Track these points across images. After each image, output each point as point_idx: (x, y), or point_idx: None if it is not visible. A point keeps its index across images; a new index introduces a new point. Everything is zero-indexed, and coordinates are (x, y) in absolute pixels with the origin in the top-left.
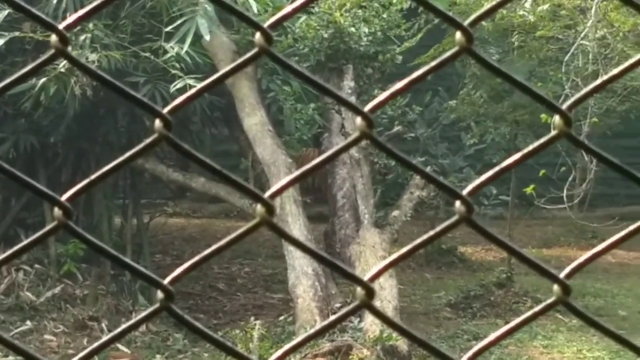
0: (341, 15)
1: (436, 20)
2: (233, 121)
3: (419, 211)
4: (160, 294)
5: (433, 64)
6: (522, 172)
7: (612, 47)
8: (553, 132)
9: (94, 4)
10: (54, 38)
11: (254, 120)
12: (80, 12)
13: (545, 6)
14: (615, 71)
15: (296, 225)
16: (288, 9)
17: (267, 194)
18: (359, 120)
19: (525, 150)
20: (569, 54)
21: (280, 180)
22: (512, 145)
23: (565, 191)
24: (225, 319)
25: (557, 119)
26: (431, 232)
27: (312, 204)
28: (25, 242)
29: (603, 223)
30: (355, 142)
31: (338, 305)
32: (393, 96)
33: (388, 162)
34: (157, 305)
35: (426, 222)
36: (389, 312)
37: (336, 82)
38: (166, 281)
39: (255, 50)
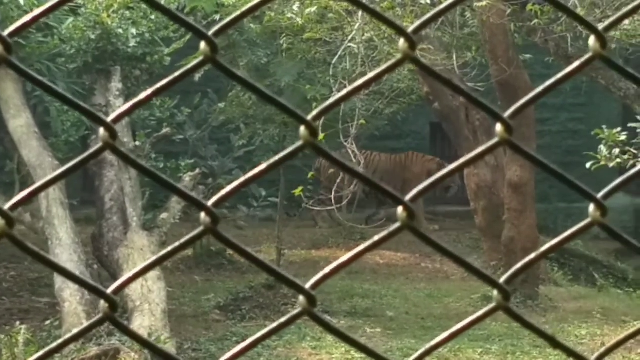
0: (108, 16)
1: (204, 22)
2: None
3: (187, 213)
4: None
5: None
6: (291, 174)
7: (379, 50)
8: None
9: None
10: None
11: (20, 122)
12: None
13: (313, 9)
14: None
15: (63, 228)
16: (27, 17)
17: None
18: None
19: (275, 159)
20: (336, 56)
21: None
22: (280, 147)
23: (333, 193)
24: None
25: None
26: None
27: (79, 207)
28: None
29: (370, 225)
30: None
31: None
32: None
33: (156, 165)
34: None
35: (195, 224)
36: (158, 315)
37: (104, 84)
38: None
39: None
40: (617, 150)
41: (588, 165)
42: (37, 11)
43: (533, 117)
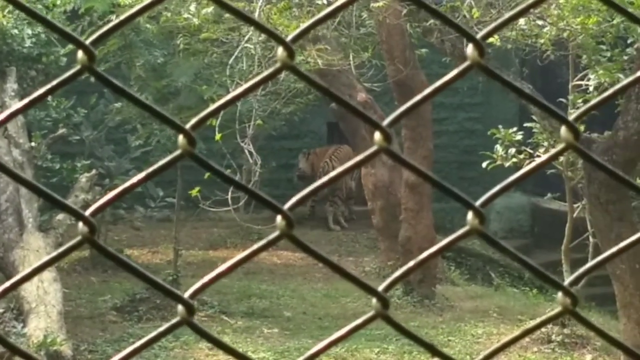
0: (4, 16)
1: (100, 22)
2: None
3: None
4: None
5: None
6: (187, 174)
7: (275, 50)
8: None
9: None
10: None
11: None
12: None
13: (210, 9)
14: None
15: None
16: None
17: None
18: None
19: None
20: (233, 57)
21: None
22: (176, 147)
23: (230, 193)
24: None
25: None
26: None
27: None
28: None
29: (268, 224)
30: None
31: (1, 310)
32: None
33: (52, 166)
34: None
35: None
36: (54, 316)
37: None
38: None
39: None
40: (513, 150)
41: (484, 164)
42: None
43: (430, 117)
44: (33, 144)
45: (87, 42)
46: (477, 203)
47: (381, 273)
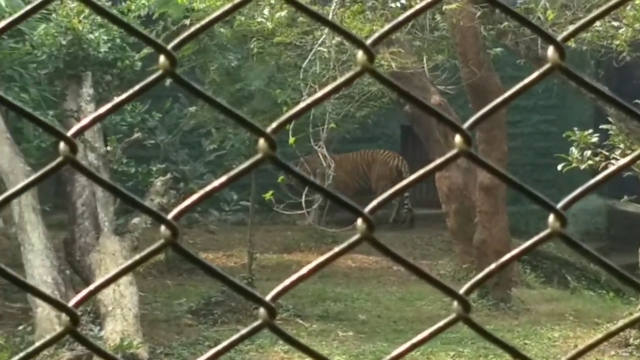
0: (79, 22)
1: (174, 27)
2: None
3: None
4: None
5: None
6: (261, 178)
7: (349, 53)
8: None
9: None
10: None
11: None
12: None
13: (284, 13)
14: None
15: (35, 233)
16: None
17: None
18: None
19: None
20: (307, 60)
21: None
22: (252, 151)
23: (304, 197)
24: None
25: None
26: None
27: (51, 212)
28: None
29: (342, 228)
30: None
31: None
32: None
33: (127, 170)
34: None
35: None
36: (130, 319)
37: (75, 89)
38: None
39: None
40: (588, 152)
41: (560, 167)
42: (4, 22)
43: (504, 120)
44: (109, 148)
45: (169, 46)
46: (559, 205)
47: (456, 276)
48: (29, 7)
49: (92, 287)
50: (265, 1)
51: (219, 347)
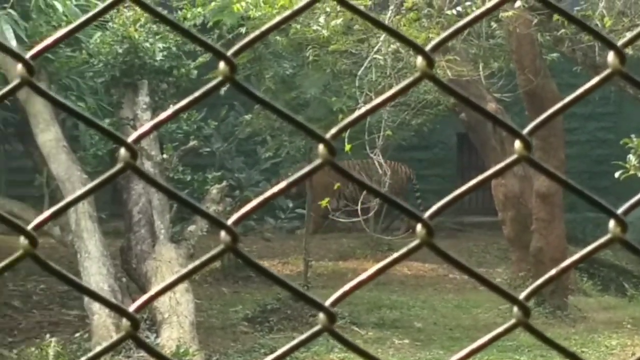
0: (135, 30)
1: (229, 36)
2: (27, 137)
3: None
4: None
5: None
6: (317, 185)
7: (405, 61)
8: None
9: None
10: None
11: (49, 136)
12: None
13: (339, 20)
14: None
15: (92, 241)
16: (50, 39)
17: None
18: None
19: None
20: (362, 68)
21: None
22: (307, 159)
23: (359, 204)
24: (20, 337)
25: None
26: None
27: (108, 220)
28: None
29: (398, 235)
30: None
31: None
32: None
33: (183, 178)
34: None
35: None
36: (186, 327)
37: (131, 98)
38: None
39: None
40: None
41: (617, 174)
42: (61, 31)
43: (561, 127)
44: (165, 156)
45: (229, 53)
46: (619, 211)
47: (512, 284)
48: (86, 16)
49: (152, 292)
50: (321, 9)
51: (279, 352)
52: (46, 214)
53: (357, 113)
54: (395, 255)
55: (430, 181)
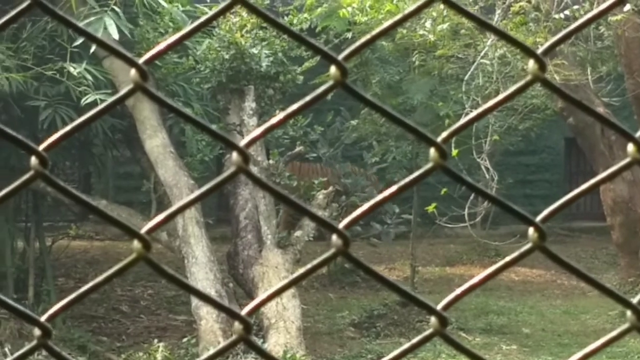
0: (242, 36)
1: (336, 40)
2: (135, 143)
3: (321, 231)
4: (37, 331)
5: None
6: (424, 190)
7: (512, 66)
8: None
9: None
10: None
11: (156, 142)
12: None
13: (445, 25)
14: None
15: (199, 246)
16: (162, 45)
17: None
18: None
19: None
20: (469, 73)
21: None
22: (413, 164)
23: (466, 209)
24: (128, 342)
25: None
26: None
27: (215, 225)
28: None
29: (505, 241)
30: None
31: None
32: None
33: (290, 183)
34: (34, 342)
35: (329, 242)
36: (293, 332)
37: (237, 103)
38: (43, 318)
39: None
40: None
41: None
42: (171, 38)
43: None
44: (271, 161)
45: (340, 57)
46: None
47: (621, 289)
48: (197, 22)
49: (262, 296)
50: (428, 14)
51: (390, 356)
52: (159, 218)
53: (467, 117)
54: (507, 258)
55: (538, 186)
